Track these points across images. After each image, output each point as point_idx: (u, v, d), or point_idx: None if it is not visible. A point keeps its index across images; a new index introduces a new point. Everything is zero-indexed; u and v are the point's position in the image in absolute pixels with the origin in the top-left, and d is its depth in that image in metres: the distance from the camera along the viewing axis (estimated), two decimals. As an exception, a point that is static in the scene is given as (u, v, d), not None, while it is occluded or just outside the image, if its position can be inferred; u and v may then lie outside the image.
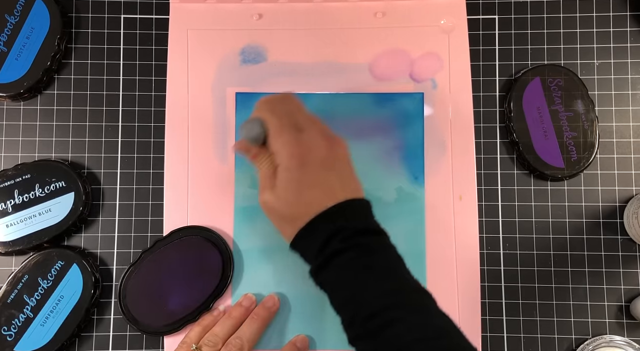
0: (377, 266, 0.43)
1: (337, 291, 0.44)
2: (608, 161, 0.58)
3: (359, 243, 0.43)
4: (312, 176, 0.45)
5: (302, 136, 0.46)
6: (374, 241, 0.44)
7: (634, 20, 0.60)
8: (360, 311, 0.42)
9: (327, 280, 0.45)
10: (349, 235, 0.43)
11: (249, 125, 0.48)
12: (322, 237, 0.44)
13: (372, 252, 0.44)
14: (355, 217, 0.45)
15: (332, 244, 0.43)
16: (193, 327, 0.54)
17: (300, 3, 0.60)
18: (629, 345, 0.55)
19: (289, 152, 0.45)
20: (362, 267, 0.43)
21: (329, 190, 0.45)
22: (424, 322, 0.41)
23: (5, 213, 0.55)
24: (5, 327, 0.53)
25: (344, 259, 0.43)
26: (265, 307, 0.54)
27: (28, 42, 0.57)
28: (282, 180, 0.46)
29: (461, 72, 0.59)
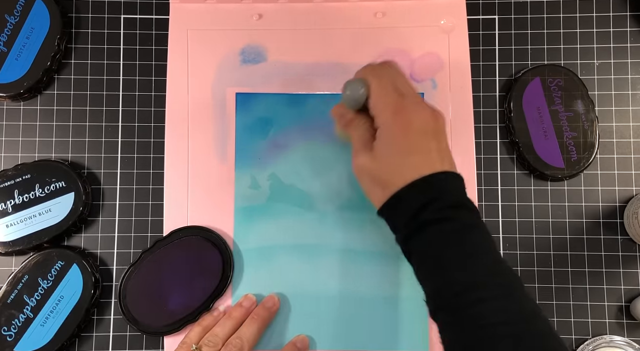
0: (471, 242, 0.42)
1: (425, 261, 0.44)
2: (608, 161, 0.58)
3: (453, 216, 0.43)
4: (414, 141, 0.44)
5: (406, 100, 0.46)
6: (469, 216, 0.44)
7: (634, 20, 0.60)
8: (448, 285, 0.41)
9: (416, 249, 0.44)
10: (444, 206, 0.43)
11: (353, 84, 0.47)
12: (416, 204, 0.43)
13: (466, 227, 0.43)
14: (451, 190, 0.44)
15: (426, 213, 0.43)
16: (193, 327, 0.54)
17: (300, 3, 0.60)
18: (629, 345, 0.55)
19: (394, 112, 0.45)
20: (455, 241, 0.42)
21: (429, 159, 0.44)
22: (510, 306, 0.40)
23: (5, 213, 0.55)
24: (5, 327, 0.53)
25: (437, 230, 0.43)
26: (265, 307, 0.54)
27: (28, 42, 0.57)
28: (383, 141, 0.45)
29: (461, 72, 0.59)
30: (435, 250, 0.43)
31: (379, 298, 0.56)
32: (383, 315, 0.55)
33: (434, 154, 0.45)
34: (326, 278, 0.56)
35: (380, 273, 0.56)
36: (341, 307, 0.56)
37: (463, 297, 0.41)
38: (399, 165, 0.44)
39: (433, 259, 0.43)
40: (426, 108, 0.46)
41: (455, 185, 0.45)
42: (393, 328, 0.55)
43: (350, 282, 0.56)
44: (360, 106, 0.48)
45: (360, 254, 0.56)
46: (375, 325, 0.55)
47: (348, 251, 0.56)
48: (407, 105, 0.45)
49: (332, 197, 0.57)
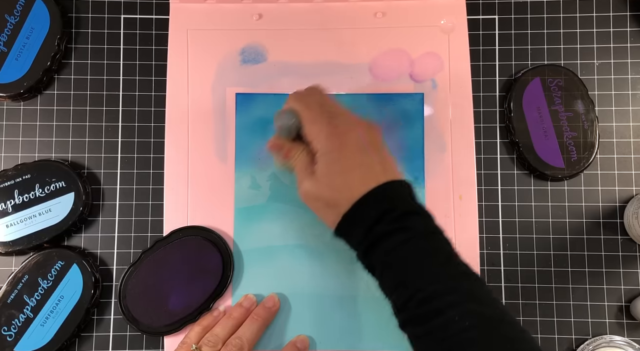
0: (429, 249, 0.42)
1: (387, 275, 0.43)
2: (608, 161, 0.58)
3: (407, 226, 0.43)
4: (352, 158, 0.45)
5: (337, 120, 0.46)
6: (422, 223, 0.44)
7: (634, 20, 0.60)
8: (414, 296, 0.41)
9: (376, 263, 0.44)
10: (396, 216, 0.43)
11: (283, 115, 0.48)
12: (369, 219, 0.43)
13: (422, 235, 0.43)
14: (400, 199, 0.44)
15: (380, 226, 0.43)
16: (193, 327, 0.54)
17: (300, 3, 0.60)
18: (629, 345, 0.55)
19: (327, 135, 0.46)
20: (413, 250, 0.42)
21: (371, 172, 0.45)
22: (478, 310, 0.40)
23: (5, 213, 0.55)
24: (5, 327, 0.53)
25: (394, 241, 0.42)
26: (265, 307, 0.54)
27: (28, 42, 0.57)
28: (323, 164, 0.45)
29: (461, 72, 0.59)
30: (394, 261, 0.43)
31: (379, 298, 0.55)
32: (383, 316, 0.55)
33: (376, 166, 0.45)
34: (326, 278, 0.56)
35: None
36: (341, 307, 0.56)
37: (427, 306, 0.40)
38: (344, 185, 0.45)
39: (394, 271, 0.43)
40: (357, 124, 0.47)
41: (403, 192, 0.45)
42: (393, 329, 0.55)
43: (350, 282, 0.56)
44: (294, 135, 0.49)
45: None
46: (375, 325, 0.55)
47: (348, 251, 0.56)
48: (338, 125, 0.46)
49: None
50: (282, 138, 0.49)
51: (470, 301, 0.40)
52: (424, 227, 0.44)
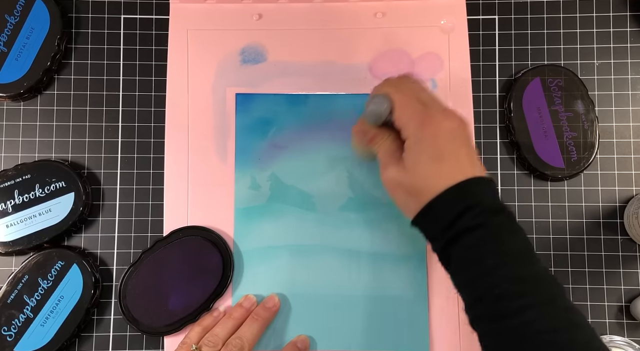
0: (510, 248, 0.42)
1: (463, 269, 0.43)
2: (608, 161, 0.58)
3: (490, 222, 0.42)
4: (443, 148, 0.44)
5: (431, 109, 0.46)
6: (505, 221, 0.43)
7: (634, 20, 0.60)
8: (489, 294, 0.40)
9: (454, 257, 0.43)
10: (480, 212, 0.42)
11: (376, 99, 0.47)
12: (452, 212, 0.42)
13: (505, 233, 0.42)
14: (484, 195, 0.43)
15: (462, 220, 0.42)
16: (193, 327, 0.54)
17: (300, 3, 0.60)
18: (629, 345, 0.55)
19: (420, 122, 0.45)
20: (494, 247, 0.41)
21: (460, 165, 0.44)
22: (554, 314, 0.39)
23: (5, 213, 0.55)
24: (5, 327, 0.53)
25: (475, 237, 0.42)
26: (265, 307, 0.54)
27: (28, 43, 0.57)
28: (411, 152, 0.45)
29: (461, 72, 0.59)
30: (474, 257, 0.42)
31: (379, 298, 0.56)
32: (383, 316, 0.55)
33: (465, 160, 0.44)
34: (326, 279, 0.56)
35: (380, 273, 0.56)
36: (341, 307, 0.56)
37: (504, 304, 0.40)
38: (432, 174, 0.44)
39: (473, 266, 0.42)
40: (452, 115, 0.46)
41: (488, 190, 0.44)
42: (393, 328, 0.55)
43: (350, 282, 0.56)
44: (382, 121, 0.48)
45: (360, 254, 0.56)
46: (375, 325, 0.55)
47: (348, 251, 0.56)
48: (433, 114, 0.45)
49: (332, 197, 0.57)
50: (369, 124, 0.49)
51: (549, 304, 0.40)
52: (505, 224, 0.43)
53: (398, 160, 0.46)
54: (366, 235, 0.57)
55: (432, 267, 0.56)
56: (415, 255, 0.56)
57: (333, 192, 0.57)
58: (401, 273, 0.56)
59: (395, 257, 0.56)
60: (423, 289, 0.56)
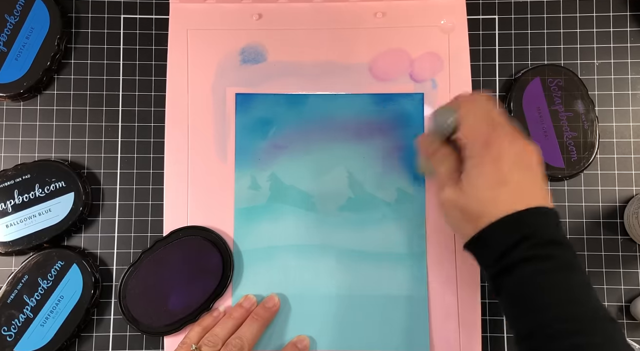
0: (565, 284, 0.40)
1: (516, 302, 0.42)
2: (608, 161, 0.58)
3: (547, 255, 0.41)
4: (506, 173, 0.42)
5: (499, 131, 0.44)
6: (563, 254, 0.41)
7: (634, 20, 0.60)
8: (541, 329, 0.39)
9: (506, 288, 0.42)
10: (536, 244, 0.41)
11: (442, 112, 0.46)
12: (507, 241, 0.41)
13: (560, 267, 0.41)
14: (545, 226, 0.42)
15: (517, 251, 0.41)
16: (193, 327, 0.53)
17: (300, 3, 0.60)
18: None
19: (485, 143, 0.43)
20: (548, 282, 0.40)
21: (521, 193, 0.42)
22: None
23: (5, 213, 0.55)
24: (5, 327, 0.53)
25: (529, 270, 0.41)
26: (265, 307, 0.54)
27: (28, 42, 0.57)
28: (472, 173, 0.43)
29: (461, 72, 0.59)
30: (527, 290, 0.41)
31: (379, 298, 0.56)
32: (383, 316, 0.55)
33: (527, 188, 0.43)
34: (326, 279, 0.56)
35: (380, 273, 0.56)
36: (341, 307, 0.56)
37: (558, 343, 0.39)
38: (490, 199, 0.42)
39: (525, 300, 0.41)
40: (520, 139, 0.44)
41: (549, 221, 0.43)
42: (393, 329, 0.55)
43: (350, 282, 0.56)
44: (447, 136, 0.46)
45: (360, 254, 0.56)
46: (375, 325, 0.55)
47: (348, 251, 0.56)
48: (499, 136, 0.43)
49: (332, 198, 0.57)
50: (433, 137, 0.47)
51: (601, 346, 0.38)
52: (563, 259, 0.41)
53: (457, 181, 0.44)
54: (366, 235, 0.57)
55: (432, 267, 0.56)
56: (415, 255, 0.56)
57: (333, 192, 0.57)
58: (401, 273, 0.56)
59: (395, 257, 0.56)
60: (423, 289, 0.56)
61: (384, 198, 0.57)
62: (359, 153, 0.58)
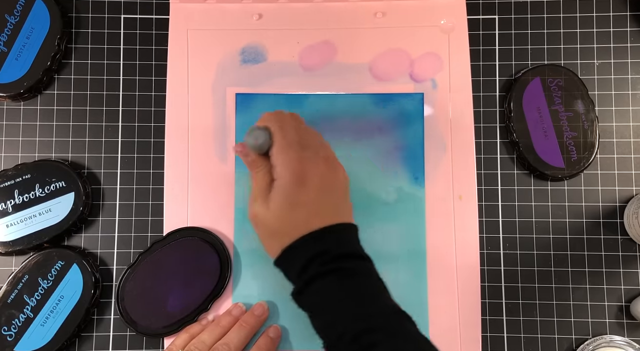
0: (358, 290, 0.43)
1: (318, 315, 0.44)
2: (608, 161, 0.58)
3: (339, 268, 0.43)
4: (307, 196, 0.45)
5: (306, 155, 0.46)
6: (355, 265, 0.44)
7: (634, 20, 0.60)
8: (342, 335, 0.41)
9: (307, 303, 0.44)
10: (330, 258, 0.43)
11: (256, 132, 0.47)
12: (304, 258, 0.44)
13: (353, 276, 0.43)
14: (339, 241, 0.45)
15: (313, 267, 0.43)
16: (180, 334, 0.53)
17: (300, 3, 0.60)
18: (629, 345, 0.55)
19: (290, 169, 0.45)
20: (342, 291, 0.43)
21: (319, 212, 0.45)
22: (403, 346, 0.40)
23: (5, 213, 0.55)
24: (5, 327, 0.53)
25: (325, 283, 0.43)
26: (254, 315, 0.54)
27: (28, 42, 0.57)
28: (277, 194, 0.45)
29: (461, 72, 0.59)
30: (326, 302, 0.43)
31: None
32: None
33: (327, 207, 0.45)
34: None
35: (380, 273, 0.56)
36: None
37: (356, 344, 0.41)
38: (291, 220, 0.45)
39: (325, 311, 0.43)
40: (325, 161, 0.46)
41: (344, 235, 0.45)
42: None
43: (350, 282, 0.56)
44: (262, 152, 0.48)
45: (360, 254, 0.56)
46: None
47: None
48: (306, 160, 0.46)
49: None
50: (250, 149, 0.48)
51: (396, 337, 0.41)
52: (356, 269, 0.44)
53: (265, 198, 0.46)
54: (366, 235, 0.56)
55: (432, 267, 0.56)
56: (415, 255, 0.56)
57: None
58: (401, 273, 0.56)
59: (395, 257, 0.56)
60: (423, 289, 0.56)
61: (384, 198, 0.57)
62: (359, 153, 0.58)
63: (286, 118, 0.48)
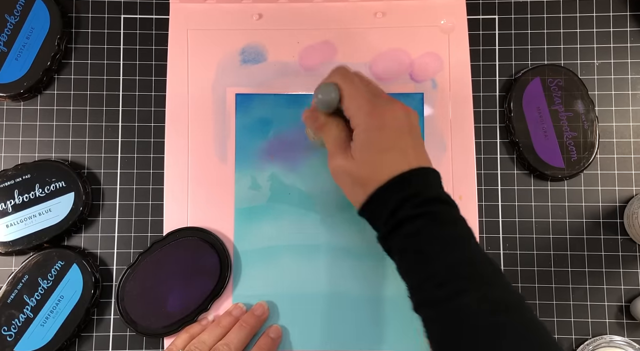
0: (449, 235, 0.43)
1: (405, 257, 0.44)
2: (608, 161, 0.58)
3: (430, 211, 0.43)
4: (389, 139, 0.45)
5: (379, 100, 0.47)
6: (446, 210, 0.44)
7: (634, 20, 0.60)
8: (428, 279, 0.42)
9: (396, 245, 0.44)
10: (421, 202, 0.43)
11: (325, 88, 0.48)
12: (394, 201, 0.43)
13: (444, 221, 0.43)
14: (428, 185, 0.45)
15: (403, 209, 0.43)
16: (180, 334, 0.53)
17: (300, 3, 0.60)
18: (629, 345, 0.55)
19: (368, 112, 0.46)
20: (433, 235, 0.43)
21: (404, 155, 0.45)
22: (491, 296, 0.40)
23: (5, 213, 0.55)
24: (5, 327, 0.53)
25: (415, 226, 0.43)
26: (254, 315, 0.54)
27: (28, 42, 0.57)
28: (359, 141, 0.46)
29: (461, 72, 0.59)
30: (414, 245, 0.43)
31: (380, 298, 0.56)
32: (384, 316, 0.55)
33: (410, 151, 0.45)
34: (327, 279, 0.56)
35: (381, 273, 0.56)
36: (342, 307, 0.56)
37: (444, 289, 0.41)
38: (377, 164, 0.45)
39: (413, 254, 0.43)
40: (399, 106, 0.47)
41: (432, 180, 0.45)
42: (394, 328, 0.55)
43: (350, 283, 0.56)
44: (332, 109, 0.48)
45: (360, 255, 0.56)
46: (375, 325, 0.55)
47: (348, 251, 0.56)
48: (380, 105, 0.46)
49: (332, 198, 0.57)
50: (319, 111, 0.49)
51: (488, 287, 0.40)
52: (446, 213, 0.44)
53: (346, 149, 0.47)
54: (366, 235, 0.57)
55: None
56: (415, 255, 0.56)
57: (333, 192, 0.57)
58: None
59: (395, 257, 0.56)
60: (423, 289, 0.56)
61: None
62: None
63: (351, 72, 0.49)
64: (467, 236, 0.44)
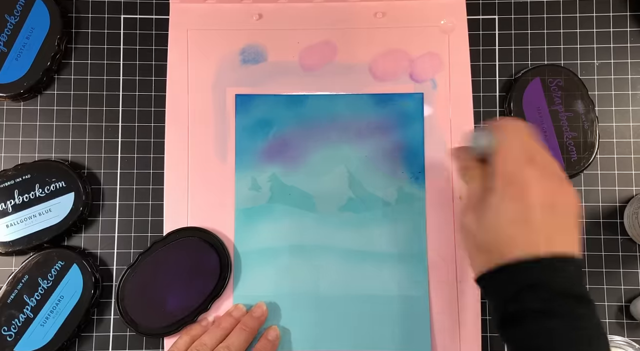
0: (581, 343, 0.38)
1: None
2: (608, 161, 0.58)
3: (560, 309, 0.38)
4: (528, 213, 0.39)
5: (530, 168, 0.40)
6: (578, 309, 0.38)
7: (634, 20, 0.60)
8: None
9: (515, 338, 0.40)
10: (550, 295, 0.38)
11: (480, 136, 0.44)
12: (519, 285, 0.39)
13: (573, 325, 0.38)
14: (563, 276, 0.39)
15: (529, 299, 0.38)
16: (181, 336, 0.53)
17: (300, 3, 0.60)
18: (629, 345, 0.55)
19: (510, 179, 0.40)
20: (563, 339, 0.38)
21: (543, 235, 0.39)
22: None
23: (5, 213, 0.55)
24: (5, 327, 0.53)
25: (540, 323, 0.38)
26: (253, 317, 0.54)
27: (28, 42, 0.57)
28: (494, 206, 0.40)
29: (461, 73, 0.59)
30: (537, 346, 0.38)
31: (380, 298, 0.56)
32: (384, 316, 0.55)
33: (551, 231, 0.39)
34: (327, 279, 0.56)
35: (380, 273, 0.56)
36: (342, 307, 0.56)
37: None
38: (507, 237, 0.40)
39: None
40: (553, 177, 0.41)
41: (570, 270, 0.39)
42: (394, 329, 0.55)
43: (350, 283, 0.56)
44: (480, 157, 0.44)
45: (360, 255, 0.56)
46: (376, 325, 0.55)
47: (349, 252, 0.56)
48: (529, 172, 0.40)
49: (332, 198, 0.57)
50: (468, 152, 0.45)
51: None
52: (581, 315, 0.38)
53: (479, 209, 0.42)
54: (366, 235, 0.57)
55: (433, 267, 0.56)
56: (416, 255, 0.56)
57: (333, 192, 0.57)
58: (402, 273, 0.56)
59: (396, 257, 0.56)
60: (424, 289, 0.56)
61: (384, 198, 0.57)
62: (359, 153, 0.58)
63: (513, 128, 0.43)
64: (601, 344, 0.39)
